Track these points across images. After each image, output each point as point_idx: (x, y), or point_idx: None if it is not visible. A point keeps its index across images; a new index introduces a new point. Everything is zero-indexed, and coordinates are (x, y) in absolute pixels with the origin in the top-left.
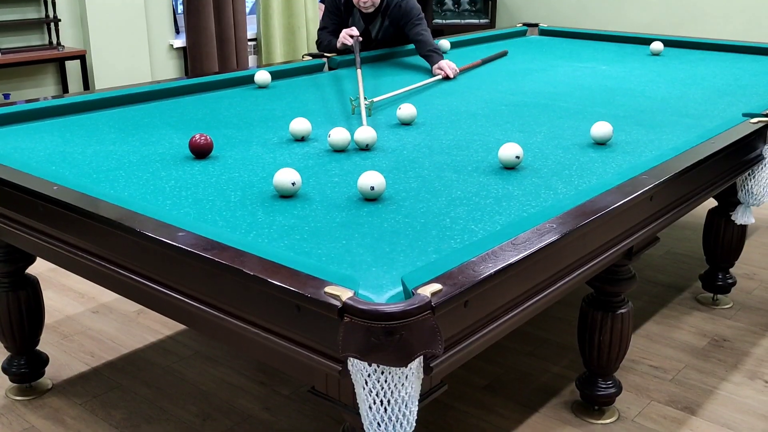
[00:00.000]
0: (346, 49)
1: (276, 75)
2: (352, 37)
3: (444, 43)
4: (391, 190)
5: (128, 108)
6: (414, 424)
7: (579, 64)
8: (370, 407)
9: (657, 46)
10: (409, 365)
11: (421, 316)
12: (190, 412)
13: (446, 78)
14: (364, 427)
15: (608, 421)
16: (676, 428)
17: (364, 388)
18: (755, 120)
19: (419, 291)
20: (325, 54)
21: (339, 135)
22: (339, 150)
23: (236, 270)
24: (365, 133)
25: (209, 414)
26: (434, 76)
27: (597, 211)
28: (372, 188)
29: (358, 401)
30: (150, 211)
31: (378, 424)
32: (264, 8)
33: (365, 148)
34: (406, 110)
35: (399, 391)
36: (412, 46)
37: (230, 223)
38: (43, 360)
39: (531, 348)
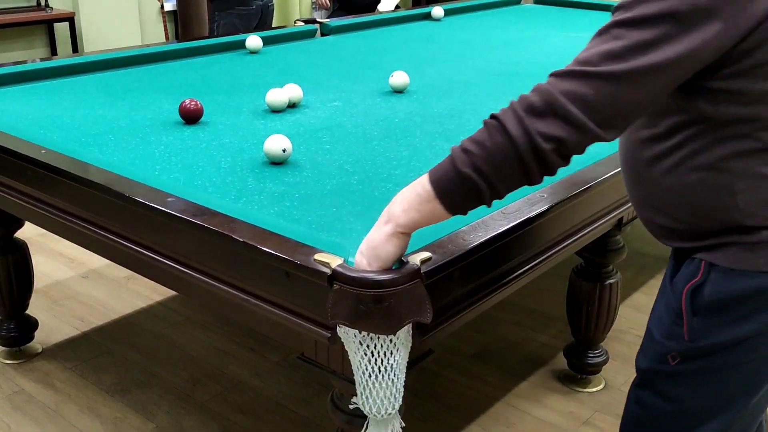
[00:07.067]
0: None
1: (267, 40)
2: None
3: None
4: (383, 158)
5: (118, 72)
6: (402, 391)
7: (573, 34)
8: (363, 373)
9: None
10: (397, 333)
11: (410, 284)
12: (180, 378)
13: None
14: (357, 393)
15: (595, 389)
16: None
17: (356, 354)
18: None
19: (409, 259)
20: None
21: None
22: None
23: (226, 236)
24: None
25: (199, 379)
26: None
27: (587, 181)
28: (284, 150)
29: (352, 368)
30: (139, 177)
31: (370, 391)
32: None
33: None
34: (399, 78)
35: (387, 359)
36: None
37: (220, 189)
38: (33, 324)
39: (519, 318)
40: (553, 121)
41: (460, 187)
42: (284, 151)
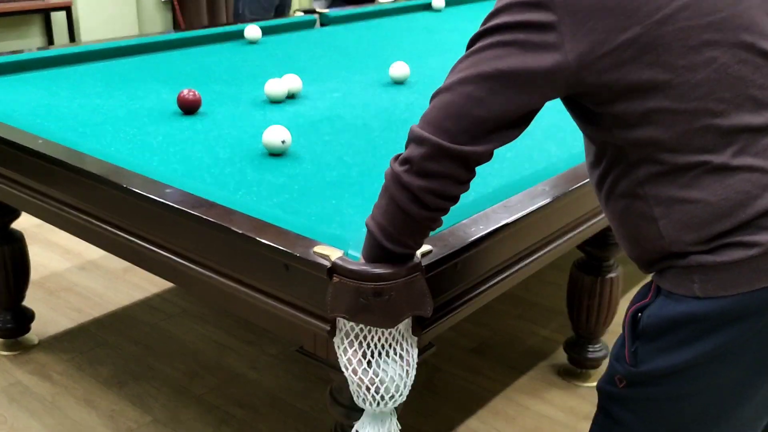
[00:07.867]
0: None
1: (266, 30)
2: None
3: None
4: (383, 150)
5: (115, 61)
6: (408, 389)
7: None
8: (357, 367)
9: None
10: (397, 326)
11: (410, 277)
12: (177, 370)
13: None
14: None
15: (595, 384)
16: None
17: (350, 345)
18: None
19: None
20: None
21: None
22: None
23: (224, 228)
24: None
25: (196, 372)
26: None
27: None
28: (283, 141)
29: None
30: (137, 167)
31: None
32: None
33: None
34: (399, 69)
35: (388, 352)
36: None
37: (219, 180)
38: (29, 315)
39: (519, 311)
40: (408, 146)
41: (367, 236)
42: (283, 142)
